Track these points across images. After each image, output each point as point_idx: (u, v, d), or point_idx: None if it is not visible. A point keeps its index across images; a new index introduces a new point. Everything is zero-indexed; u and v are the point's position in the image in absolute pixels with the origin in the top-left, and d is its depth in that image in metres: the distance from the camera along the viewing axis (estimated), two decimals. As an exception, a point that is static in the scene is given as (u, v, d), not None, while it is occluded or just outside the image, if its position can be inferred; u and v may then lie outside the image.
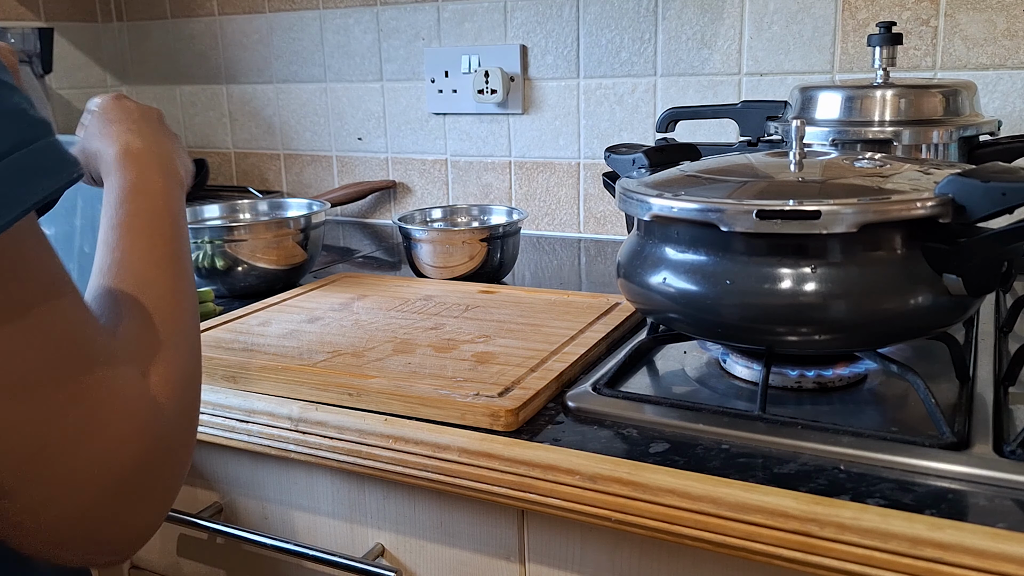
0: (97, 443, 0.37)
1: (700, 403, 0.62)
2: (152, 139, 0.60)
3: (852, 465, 0.53)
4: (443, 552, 0.65)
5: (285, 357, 0.72)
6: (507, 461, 0.57)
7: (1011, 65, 1.01)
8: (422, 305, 0.87)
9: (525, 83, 1.28)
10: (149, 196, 0.55)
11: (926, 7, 1.03)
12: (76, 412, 0.36)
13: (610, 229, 1.27)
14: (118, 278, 0.48)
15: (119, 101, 0.63)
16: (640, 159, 0.74)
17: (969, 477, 0.51)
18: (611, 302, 0.85)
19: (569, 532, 0.59)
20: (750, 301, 0.59)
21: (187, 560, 0.79)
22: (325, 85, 1.45)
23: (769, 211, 0.56)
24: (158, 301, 0.48)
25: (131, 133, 0.59)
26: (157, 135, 0.61)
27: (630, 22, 1.19)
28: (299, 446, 0.65)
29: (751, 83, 1.14)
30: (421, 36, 1.34)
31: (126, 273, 0.49)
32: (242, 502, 0.74)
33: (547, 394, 0.64)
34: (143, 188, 0.55)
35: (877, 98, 0.86)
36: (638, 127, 1.22)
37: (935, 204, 0.56)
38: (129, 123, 0.60)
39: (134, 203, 0.53)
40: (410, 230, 0.99)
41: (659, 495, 0.52)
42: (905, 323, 0.59)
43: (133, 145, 0.58)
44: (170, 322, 0.47)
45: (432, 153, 1.39)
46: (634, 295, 0.67)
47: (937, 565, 0.45)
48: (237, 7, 1.48)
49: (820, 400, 0.63)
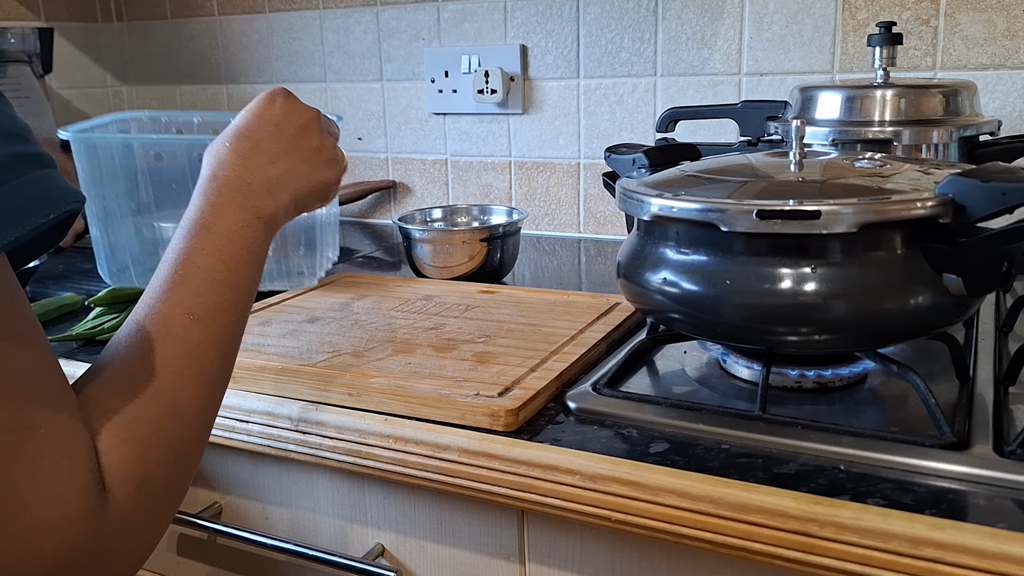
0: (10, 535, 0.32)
1: (700, 403, 0.62)
2: (256, 164, 0.55)
3: (852, 465, 0.53)
4: (443, 552, 0.65)
5: (285, 357, 0.72)
6: (507, 461, 0.57)
7: (1011, 65, 1.01)
8: (422, 305, 0.87)
9: (525, 83, 1.28)
10: (214, 235, 0.50)
11: (926, 7, 1.03)
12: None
13: (610, 229, 1.27)
14: (143, 325, 0.44)
15: (267, 103, 0.59)
16: (640, 159, 0.74)
17: (969, 477, 0.50)
18: (611, 302, 0.85)
19: (569, 532, 0.59)
20: (750, 301, 0.59)
21: (187, 560, 0.79)
22: (325, 85, 1.45)
23: (769, 211, 0.56)
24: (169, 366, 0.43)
25: (232, 154, 0.55)
26: (276, 155, 0.57)
27: (630, 22, 1.19)
28: (299, 446, 0.65)
29: (751, 83, 1.14)
30: (421, 36, 1.34)
31: (151, 322, 0.45)
32: (242, 502, 0.74)
33: (547, 394, 0.64)
34: (211, 224, 0.51)
35: (877, 98, 0.86)
36: (638, 127, 1.22)
37: (935, 204, 0.56)
38: (244, 139, 0.56)
39: (197, 238, 0.50)
40: (410, 230, 0.99)
41: (659, 495, 0.52)
42: (905, 323, 0.59)
43: (221, 174, 0.53)
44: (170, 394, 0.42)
45: (432, 153, 1.39)
46: (634, 295, 0.67)
47: (937, 565, 0.45)
48: (237, 7, 1.48)
49: (820, 400, 0.63)
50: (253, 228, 0.52)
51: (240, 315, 0.50)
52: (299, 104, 0.61)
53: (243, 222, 0.52)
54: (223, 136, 0.57)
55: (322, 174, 0.61)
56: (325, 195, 0.62)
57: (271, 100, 0.60)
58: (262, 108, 0.59)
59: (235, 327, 0.49)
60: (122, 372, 0.42)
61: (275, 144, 0.57)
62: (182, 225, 0.51)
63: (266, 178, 0.55)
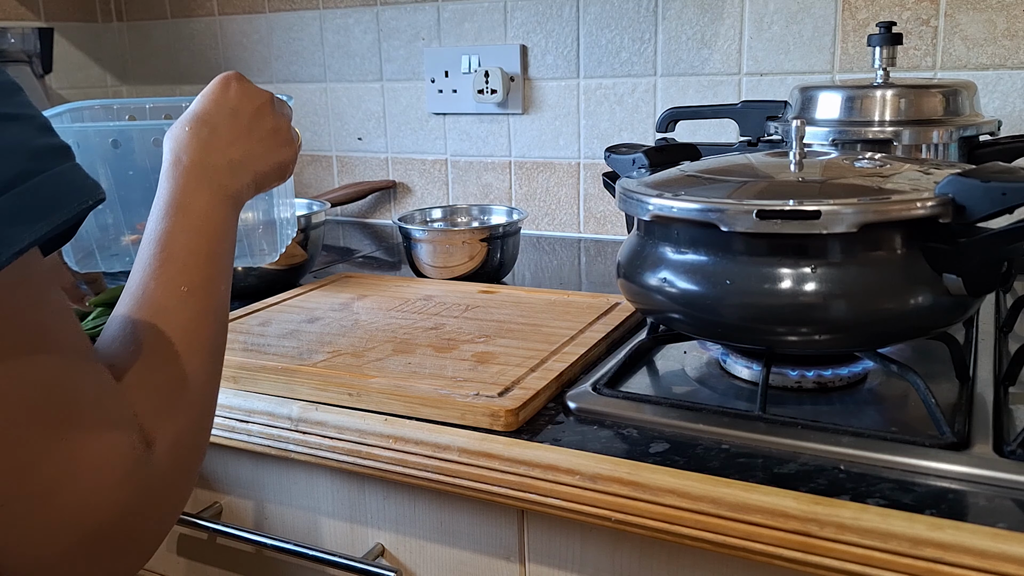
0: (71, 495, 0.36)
1: (700, 403, 0.62)
2: (216, 147, 0.57)
3: (852, 465, 0.53)
4: (443, 552, 0.65)
5: (285, 357, 0.72)
6: (507, 461, 0.57)
7: (1011, 65, 1.01)
8: (422, 305, 0.87)
9: (525, 83, 1.28)
10: (190, 214, 0.52)
11: (926, 7, 1.03)
12: (51, 464, 0.35)
13: (610, 229, 1.27)
14: (141, 304, 0.47)
15: (221, 88, 0.61)
16: (640, 159, 0.74)
17: (969, 477, 0.51)
18: (611, 302, 0.85)
19: (569, 532, 0.59)
20: (750, 301, 0.59)
21: (187, 560, 0.79)
22: (325, 85, 1.45)
23: (769, 211, 0.56)
24: (174, 337, 0.46)
25: (193, 139, 0.56)
26: (234, 138, 0.59)
27: (630, 22, 1.19)
28: (299, 446, 0.65)
29: (751, 83, 1.14)
30: (421, 36, 1.34)
31: (148, 301, 0.47)
32: (242, 502, 0.74)
33: (547, 394, 0.64)
34: (185, 204, 0.53)
35: (877, 98, 0.86)
36: (638, 127, 1.22)
37: (935, 204, 0.56)
38: (203, 124, 0.58)
39: (174, 219, 0.51)
40: (410, 230, 0.99)
41: (659, 495, 0.52)
42: (905, 323, 0.59)
43: (184, 158, 0.55)
44: (182, 362, 0.45)
45: (432, 153, 1.39)
46: (634, 295, 0.67)
47: (937, 565, 0.45)
48: (237, 7, 1.48)
49: (820, 400, 0.63)
50: (223, 205, 0.55)
51: (227, 284, 0.52)
52: (253, 88, 0.63)
53: (213, 201, 0.54)
54: (182, 122, 0.58)
55: (279, 154, 0.63)
56: (283, 174, 0.64)
57: (225, 85, 0.62)
58: (217, 94, 0.61)
59: (224, 296, 0.52)
60: (134, 346, 0.44)
61: (232, 128, 0.59)
62: (155, 210, 0.52)
63: (227, 160, 0.57)
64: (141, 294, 0.47)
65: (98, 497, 0.37)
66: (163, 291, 0.48)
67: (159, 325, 0.46)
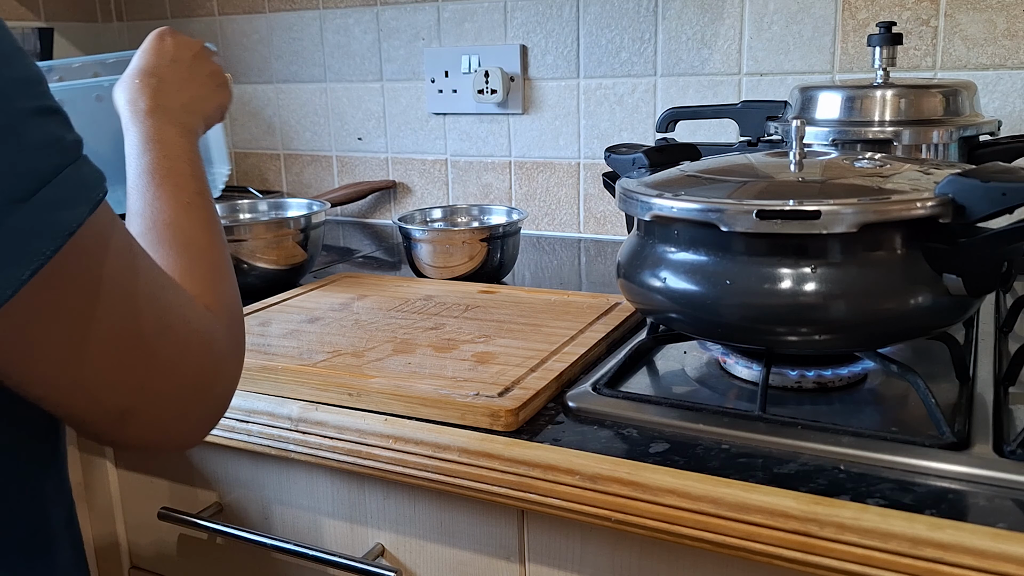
0: (182, 359, 0.43)
1: (700, 403, 0.62)
2: (167, 93, 0.63)
3: (852, 465, 0.53)
4: (443, 552, 0.65)
5: (285, 357, 0.72)
6: (507, 461, 0.57)
7: (1011, 65, 1.01)
8: (422, 305, 0.87)
9: (525, 83, 1.28)
10: (166, 145, 0.58)
11: (926, 7, 1.03)
12: (168, 342, 0.42)
13: (610, 229, 1.27)
14: (154, 222, 0.53)
15: (158, 42, 0.67)
16: (640, 159, 0.74)
17: (969, 477, 0.51)
18: (611, 302, 0.85)
19: (569, 532, 0.59)
20: (750, 301, 0.59)
21: (187, 560, 0.79)
22: (325, 85, 1.45)
23: (769, 211, 0.56)
24: (193, 239, 0.53)
25: (145, 88, 0.62)
26: (180, 84, 0.64)
27: (630, 22, 1.19)
28: (299, 446, 0.65)
29: (751, 83, 1.14)
30: (421, 36, 1.34)
31: (160, 217, 0.53)
32: (242, 502, 0.74)
33: (547, 394, 0.64)
34: (159, 138, 0.58)
35: (877, 98, 0.86)
36: (638, 127, 1.22)
37: (935, 204, 0.56)
38: (149, 75, 0.63)
39: (154, 152, 0.57)
40: (410, 230, 0.99)
41: (659, 495, 0.52)
42: (905, 323, 0.59)
43: (142, 105, 0.61)
44: (208, 256, 0.52)
45: (432, 153, 1.39)
46: (634, 295, 0.67)
47: (937, 565, 0.45)
48: (237, 7, 1.48)
49: (820, 400, 0.63)
50: (187, 138, 0.61)
51: (211, 205, 0.58)
52: (185, 38, 0.69)
53: (181, 133, 0.60)
54: (129, 76, 0.64)
55: (219, 95, 0.69)
56: (223, 113, 0.70)
57: (161, 39, 0.67)
58: (156, 47, 0.67)
59: (215, 209, 0.58)
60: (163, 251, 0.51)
61: (176, 75, 0.65)
62: (131, 154, 0.58)
63: (180, 104, 0.63)
64: (150, 214, 0.53)
65: (191, 359, 0.44)
66: (169, 208, 0.54)
67: (176, 235, 0.52)
